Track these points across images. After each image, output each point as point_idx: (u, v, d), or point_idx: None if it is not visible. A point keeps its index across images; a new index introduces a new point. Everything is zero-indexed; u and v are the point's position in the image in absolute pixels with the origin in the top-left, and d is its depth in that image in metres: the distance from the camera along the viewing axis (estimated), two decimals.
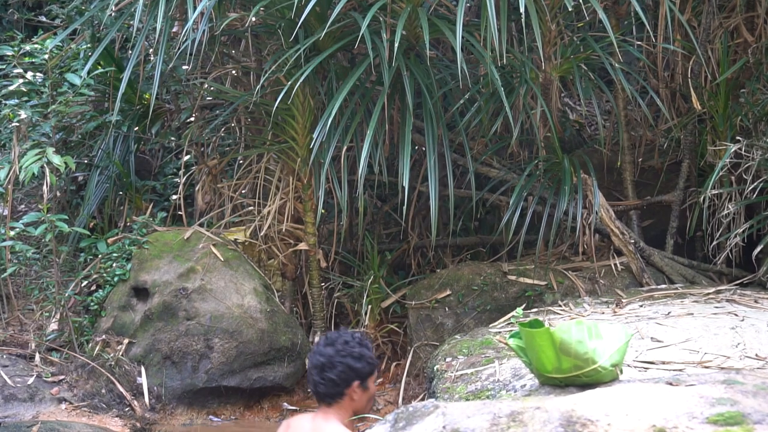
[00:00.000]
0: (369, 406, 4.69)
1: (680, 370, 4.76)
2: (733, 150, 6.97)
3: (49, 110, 7.18)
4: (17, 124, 7.18)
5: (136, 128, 8.43)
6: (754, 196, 6.94)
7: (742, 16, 7.58)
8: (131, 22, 7.56)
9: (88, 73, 7.26)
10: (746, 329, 5.36)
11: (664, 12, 7.14)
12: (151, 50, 8.26)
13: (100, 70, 7.80)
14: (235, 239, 7.56)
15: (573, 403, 2.73)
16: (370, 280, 7.56)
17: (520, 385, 4.60)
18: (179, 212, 8.15)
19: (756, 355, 4.97)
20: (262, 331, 7.05)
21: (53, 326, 7.23)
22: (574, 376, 3.10)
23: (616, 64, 7.04)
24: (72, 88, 7.21)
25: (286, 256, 7.64)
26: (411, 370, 7.14)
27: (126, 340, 7.00)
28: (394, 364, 7.58)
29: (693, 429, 2.50)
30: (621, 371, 3.17)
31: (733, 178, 7.18)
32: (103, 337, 7.02)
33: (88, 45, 8.17)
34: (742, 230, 7.02)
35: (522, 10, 5.84)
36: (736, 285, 7.01)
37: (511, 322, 6.35)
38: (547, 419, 2.64)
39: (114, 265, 7.26)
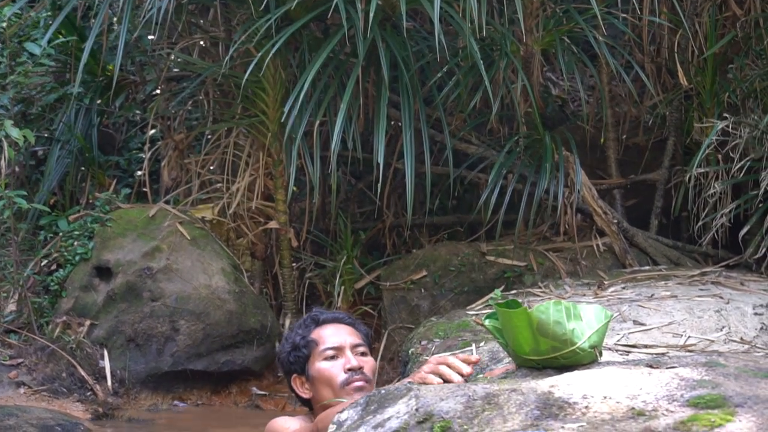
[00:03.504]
0: (335, 390, 3.71)
1: (663, 354, 4.80)
2: (720, 127, 7.01)
3: (7, 81, 7.13)
4: None
5: (99, 101, 8.39)
6: (741, 175, 6.97)
7: None
8: None
9: (49, 42, 7.22)
10: (731, 312, 5.40)
11: None
12: (114, 19, 8.20)
13: (61, 39, 7.75)
14: (203, 217, 7.55)
15: (550, 385, 2.75)
16: (343, 261, 7.58)
17: None
18: (144, 189, 8.12)
19: (741, 338, 5.02)
20: (231, 312, 7.05)
21: (11, 307, 7.20)
22: (552, 358, 3.12)
23: (600, 38, 7.05)
24: (31, 58, 7.17)
25: (256, 234, 7.64)
26: (385, 354, 7.17)
27: (88, 322, 6.99)
28: None
29: (673, 412, 2.53)
30: (600, 353, 3.19)
31: (720, 156, 7.21)
32: (64, 318, 7.00)
33: (49, 13, 8.09)
34: (728, 210, 7.06)
35: None
36: (721, 267, 7.06)
37: (489, 305, 6.37)
38: (523, 402, 2.66)
39: (75, 243, 7.24)
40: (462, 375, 3.27)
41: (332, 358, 3.77)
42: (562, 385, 2.75)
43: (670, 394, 2.64)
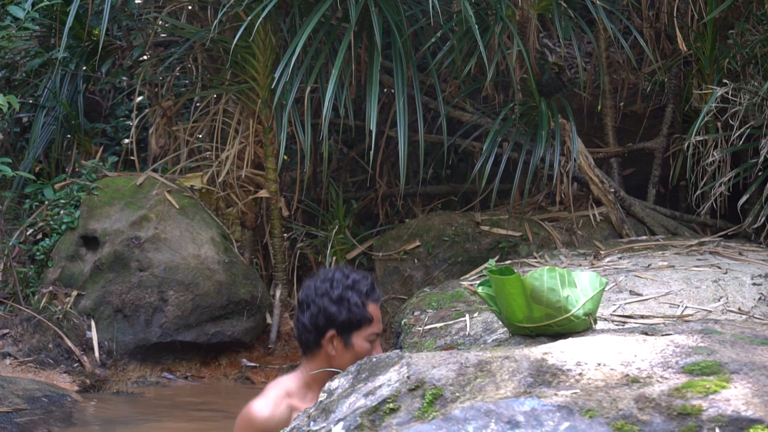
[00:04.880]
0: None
1: (659, 324, 4.83)
2: (719, 94, 7.01)
3: None
4: None
5: (85, 67, 8.37)
6: (741, 142, 6.98)
7: None
8: None
9: (33, 5, 7.19)
10: (729, 282, 5.43)
11: None
12: None
13: (46, 2, 7.72)
14: (192, 186, 7.55)
15: (543, 352, 2.77)
16: (334, 231, 7.59)
17: (491, 340, 4.65)
18: (131, 157, 8.12)
19: (739, 309, 5.06)
20: (220, 283, 7.07)
21: None
22: (546, 326, 3.16)
23: (598, 2, 7.04)
24: (15, 22, 7.15)
25: (246, 204, 7.65)
26: None
27: (74, 292, 7.01)
28: None
29: (667, 379, 2.56)
30: (595, 321, 3.22)
31: (719, 123, 7.21)
32: (50, 288, 7.01)
33: None
34: (727, 179, 7.07)
35: None
36: (720, 236, 7.08)
37: (483, 275, 6.40)
38: (516, 369, 2.68)
39: (61, 212, 7.24)
40: None
41: (371, 342, 3.89)
42: (556, 352, 2.77)
43: (665, 361, 2.66)
